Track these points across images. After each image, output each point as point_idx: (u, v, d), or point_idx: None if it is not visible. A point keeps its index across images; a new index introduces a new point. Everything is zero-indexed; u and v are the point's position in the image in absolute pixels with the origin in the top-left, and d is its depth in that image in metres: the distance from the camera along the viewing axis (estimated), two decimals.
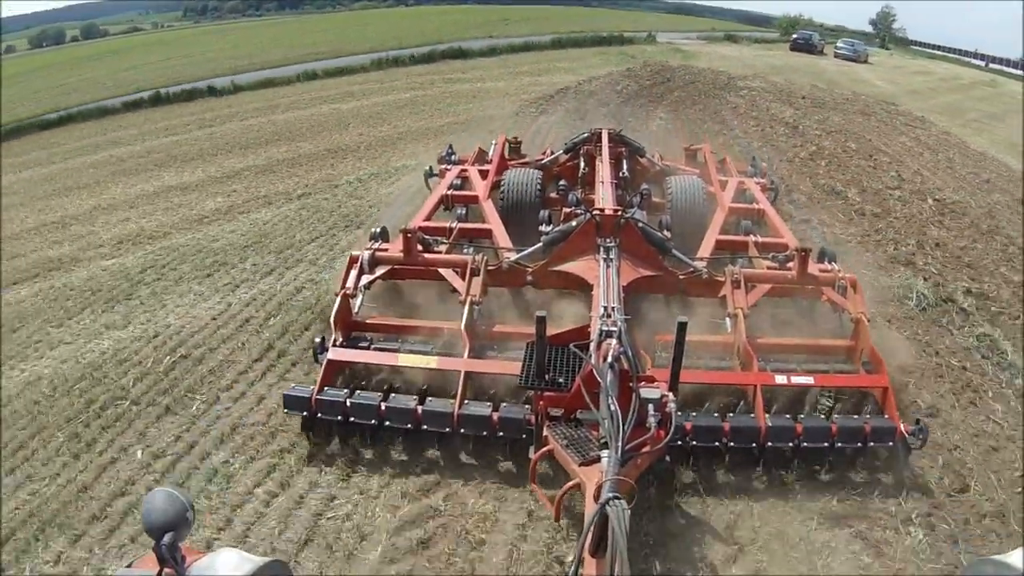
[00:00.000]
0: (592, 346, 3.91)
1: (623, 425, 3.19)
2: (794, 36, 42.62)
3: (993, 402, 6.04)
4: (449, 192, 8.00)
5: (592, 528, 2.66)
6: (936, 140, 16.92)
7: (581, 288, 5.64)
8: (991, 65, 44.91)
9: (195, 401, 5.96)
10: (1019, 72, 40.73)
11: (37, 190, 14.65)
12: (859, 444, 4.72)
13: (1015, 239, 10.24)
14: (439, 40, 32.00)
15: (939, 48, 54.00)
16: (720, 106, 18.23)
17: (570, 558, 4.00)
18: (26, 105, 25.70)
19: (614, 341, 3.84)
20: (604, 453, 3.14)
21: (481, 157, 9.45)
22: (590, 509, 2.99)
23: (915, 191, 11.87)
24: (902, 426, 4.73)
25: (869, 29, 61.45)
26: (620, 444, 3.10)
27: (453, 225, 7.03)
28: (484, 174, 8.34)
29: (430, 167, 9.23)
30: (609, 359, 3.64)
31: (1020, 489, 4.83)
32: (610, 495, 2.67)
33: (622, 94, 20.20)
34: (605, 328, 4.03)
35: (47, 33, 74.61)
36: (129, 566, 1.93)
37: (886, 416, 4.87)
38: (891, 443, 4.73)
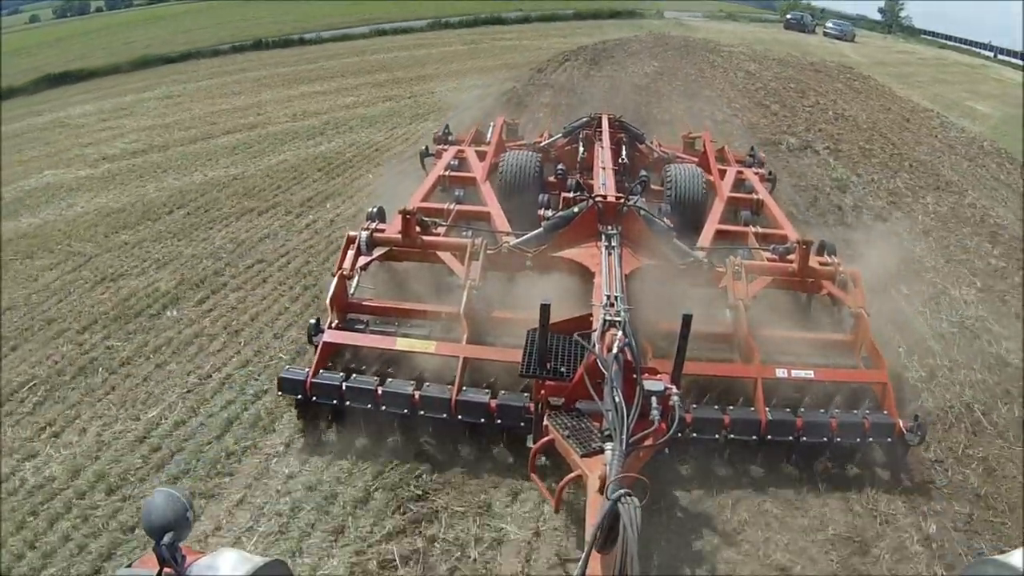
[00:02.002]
0: (595, 336, 3.88)
1: (627, 418, 3.20)
2: (787, 16, 46.74)
3: (819, 181, 11.58)
4: (447, 173, 8.05)
5: (601, 524, 2.61)
6: (868, 88, 21.81)
7: (582, 275, 5.55)
8: (999, 56, 43.80)
9: (391, 163, 11.57)
10: (1019, 62, 39.90)
11: (198, 95, 19.24)
12: (858, 439, 4.77)
13: (885, 134, 15.51)
14: (478, 12, 37.24)
15: (949, 38, 53.07)
16: (701, 61, 23.68)
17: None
18: (98, 56, 28.25)
19: (619, 331, 3.82)
20: (608, 446, 3.15)
21: (478, 138, 9.61)
22: (593, 501, 3.03)
23: (823, 109, 17.28)
24: (900, 422, 4.79)
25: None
26: (625, 437, 3.10)
27: (451, 207, 7.05)
28: (482, 155, 8.39)
29: (426, 147, 9.55)
30: (614, 350, 3.60)
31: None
32: (621, 492, 2.60)
33: (628, 52, 25.72)
34: (609, 317, 4.01)
35: (71, 3, 77.03)
36: (129, 566, 1.97)
37: (885, 412, 4.92)
38: (889, 439, 4.80)
